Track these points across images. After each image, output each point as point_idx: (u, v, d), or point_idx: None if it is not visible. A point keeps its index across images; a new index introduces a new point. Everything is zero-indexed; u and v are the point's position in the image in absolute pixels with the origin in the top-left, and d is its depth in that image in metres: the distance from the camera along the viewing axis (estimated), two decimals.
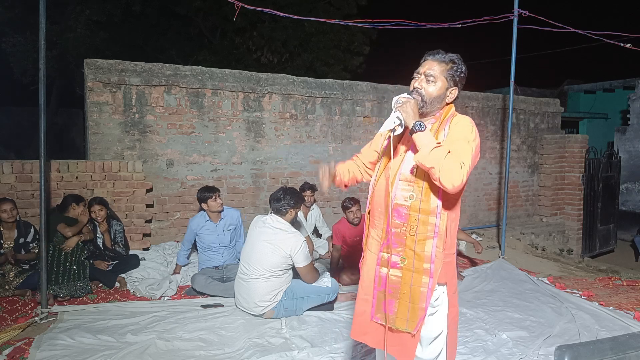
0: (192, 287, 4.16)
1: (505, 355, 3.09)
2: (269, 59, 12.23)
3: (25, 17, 10.54)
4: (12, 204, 4.03)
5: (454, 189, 1.74)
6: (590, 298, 4.33)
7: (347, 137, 6.54)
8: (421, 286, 1.86)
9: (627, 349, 1.43)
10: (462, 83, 1.97)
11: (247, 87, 5.81)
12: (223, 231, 4.43)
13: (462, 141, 1.82)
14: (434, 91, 1.91)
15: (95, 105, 5.03)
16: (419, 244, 1.87)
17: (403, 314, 1.90)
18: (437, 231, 1.85)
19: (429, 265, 1.85)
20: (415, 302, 1.87)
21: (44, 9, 3.36)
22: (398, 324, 1.91)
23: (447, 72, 1.91)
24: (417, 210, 1.89)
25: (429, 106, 1.93)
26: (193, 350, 3.05)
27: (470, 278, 4.89)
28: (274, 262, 3.47)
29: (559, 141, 8.34)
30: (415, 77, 1.96)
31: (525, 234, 7.43)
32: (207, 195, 4.36)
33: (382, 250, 1.97)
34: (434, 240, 1.85)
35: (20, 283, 3.93)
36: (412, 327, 1.87)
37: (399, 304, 1.91)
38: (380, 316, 1.96)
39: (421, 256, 1.86)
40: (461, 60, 1.96)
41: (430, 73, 1.91)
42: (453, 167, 1.72)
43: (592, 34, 5.73)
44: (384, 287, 1.95)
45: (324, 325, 3.48)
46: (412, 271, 1.88)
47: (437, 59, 1.93)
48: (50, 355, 2.87)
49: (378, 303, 1.97)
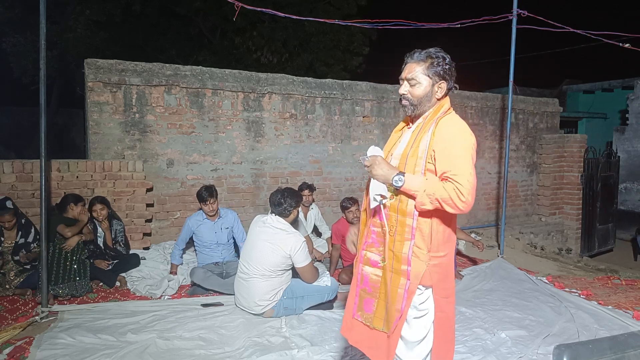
0: (191, 279, 4.18)
1: (505, 355, 3.10)
2: (269, 59, 12.23)
3: (25, 17, 10.53)
4: (11, 212, 3.98)
5: (467, 208, 1.73)
6: (589, 297, 4.34)
7: (347, 137, 6.54)
8: (398, 287, 1.84)
9: (626, 348, 1.44)
10: (450, 73, 1.91)
11: (247, 87, 5.81)
12: (221, 229, 4.48)
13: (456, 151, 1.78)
14: (421, 92, 1.90)
15: (96, 105, 5.04)
16: (397, 245, 1.86)
17: (380, 314, 1.91)
18: (413, 233, 1.82)
19: (406, 267, 1.83)
20: (392, 303, 1.85)
21: (44, 9, 3.37)
22: (375, 323, 1.91)
23: (428, 69, 1.88)
24: (395, 211, 1.88)
25: (419, 107, 1.93)
26: (193, 349, 3.06)
27: (469, 277, 4.90)
28: (274, 261, 3.48)
29: (557, 141, 8.35)
30: (400, 83, 1.96)
31: (524, 234, 7.44)
32: (204, 198, 4.41)
33: (365, 248, 1.98)
34: (411, 241, 1.83)
35: (20, 282, 3.94)
36: (388, 328, 1.86)
37: (377, 304, 1.92)
38: (360, 314, 1.98)
39: (399, 257, 1.85)
40: (440, 51, 1.92)
41: (412, 76, 1.90)
42: (452, 195, 1.71)
43: (591, 34, 5.74)
44: (365, 285, 1.96)
45: (323, 324, 3.49)
46: (390, 271, 1.87)
47: (415, 59, 1.91)
48: (50, 355, 2.87)
49: (360, 301, 1.98)
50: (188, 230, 4.48)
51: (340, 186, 6.54)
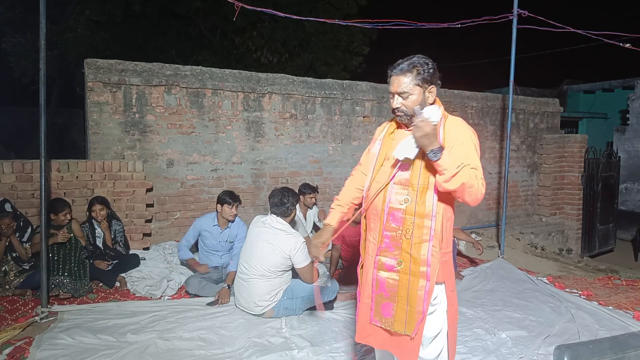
0: (186, 290, 4.15)
1: (505, 355, 3.10)
2: (269, 59, 12.23)
3: (25, 17, 10.53)
4: (10, 216, 3.94)
5: (481, 199, 1.83)
6: (589, 297, 4.34)
7: (347, 137, 6.54)
8: (418, 289, 1.87)
9: (626, 348, 1.44)
10: (436, 77, 1.95)
11: (247, 87, 5.81)
12: (226, 241, 4.40)
13: (470, 148, 1.87)
14: (414, 102, 1.91)
15: (96, 105, 5.04)
16: (414, 247, 1.88)
17: (401, 317, 1.91)
18: (432, 234, 1.86)
19: (425, 268, 1.86)
20: (412, 305, 1.88)
21: (44, 9, 3.37)
22: (396, 327, 1.92)
23: (416, 78, 1.90)
24: (412, 214, 1.89)
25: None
26: (193, 350, 3.05)
27: (469, 277, 4.90)
28: (273, 262, 3.48)
29: (558, 141, 8.35)
30: (391, 97, 1.97)
31: (524, 234, 7.44)
32: (227, 200, 4.25)
33: (379, 254, 1.97)
34: (429, 243, 1.86)
35: (20, 283, 3.94)
36: (411, 330, 1.88)
37: (396, 307, 1.92)
38: (379, 319, 1.97)
39: (417, 259, 1.87)
40: (422, 58, 1.94)
41: (401, 90, 1.92)
42: (476, 183, 1.79)
43: (591, 34, 5.74)
44: (381, 290, 1.96)
45: (323, 325, 3.48)
46: (408, 274, 1.89)
47: (400, 71, 1.93)
48: (50, 355, 2.87)
49: (376, 306, 1.98)
50: (195, 231, 4.39)
51: (340, 186, 6.43)
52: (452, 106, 7.38)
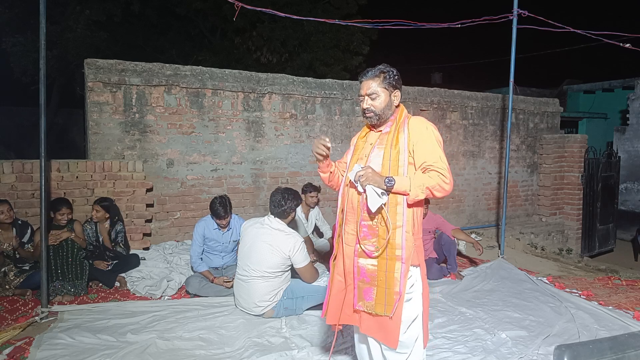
0: (186, 290, 4.15)
1: (505, 355, 3.10)
2: (269, 59, 12.22)
3: (25, 17, 10.53)
4: (8, 204, 4.00)
5: (451, 187, 2.06)
6: (589, 297, 4.34)
7: (347, 137, 6.54)
8: (395, 272, 2.06)
9: (626, 348, 1.44)
10: (400, 83, 2.23)
11: (247, 87, 5.81)
12: (229, 242, 4.38)
13: (430, 144, 2.09)
14: (382, 103, 2.18)
15: (96, 105, 5.04)
16: (391, 233, 2.06)
17: (381, 299, 2.09)
18: (405, 219, 2.07)
19: (400, 251, 2.06)
20: (390, 287, 2.06)
21: (44, 9, 3.37)
22: (377, 309, 2.08)
23: (383, 82, 2.18)
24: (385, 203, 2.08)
25: (383, 116, 2.20)
26: (193, 350, 3.05)
27: (469, 278, 4.90)
28: (273, 262, 3.48)
29: (558, 141, 8.35)
30: (361, 100, 2.22)
31: (524, 234, 7.44)
32: (219, 214, 4.13)
33: (358, 242, 2.15)
34: (402, 228, 2.07)
35: (20, 283, 3.94)
36: (389, 311, 2.05)
37: (376, 291, 2.10)
38: (362, 304, 2.14)
39: (393, 244, 2.07)
40: (388, 66, 2.22)
41: (371, 91, 2.17)
42: (438, 181, 2.02)
43: (591, 34, 5.74)
44: (362, 276, 2.14)
45: (323, 325, 3.48)
46: (385, 259, 2.08)
47: (369, 76, 2.19)
48: (50, 355, 2.87)
49: (359, 292, 2.14)
50: (200, 237, 4.26)
51: None
52: (452, 106, 7.38)
